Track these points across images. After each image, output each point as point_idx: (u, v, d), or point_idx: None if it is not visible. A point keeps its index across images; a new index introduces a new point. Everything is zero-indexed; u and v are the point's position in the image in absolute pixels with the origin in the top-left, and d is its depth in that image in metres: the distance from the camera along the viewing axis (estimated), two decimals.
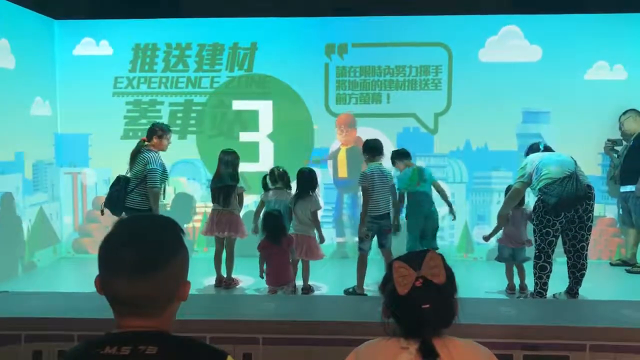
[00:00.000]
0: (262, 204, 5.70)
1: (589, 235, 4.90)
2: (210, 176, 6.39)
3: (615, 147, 6.45)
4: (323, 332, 2.87)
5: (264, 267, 5.12)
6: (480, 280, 5.76)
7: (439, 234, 5.87)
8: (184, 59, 7.09)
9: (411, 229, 5.64)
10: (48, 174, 6.91)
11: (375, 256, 5.43)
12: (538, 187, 4.80)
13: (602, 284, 5.75)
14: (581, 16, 6.68)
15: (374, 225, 5.38)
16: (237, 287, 5.75)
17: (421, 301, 1.50)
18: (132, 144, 5.77)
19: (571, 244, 4.89)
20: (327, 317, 2.97)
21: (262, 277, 5.16)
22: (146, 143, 5.47)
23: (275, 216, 5.18)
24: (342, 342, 2.83)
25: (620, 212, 6.50)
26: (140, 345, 1.26)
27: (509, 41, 6.74)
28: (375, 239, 5.48)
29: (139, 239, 1.32)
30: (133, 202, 5.37)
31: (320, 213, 5.60)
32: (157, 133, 5.49)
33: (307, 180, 5.46)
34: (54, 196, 7.02)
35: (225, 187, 5.61)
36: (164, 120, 7.04)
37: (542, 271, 4.84)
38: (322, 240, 5.48)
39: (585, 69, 6.68)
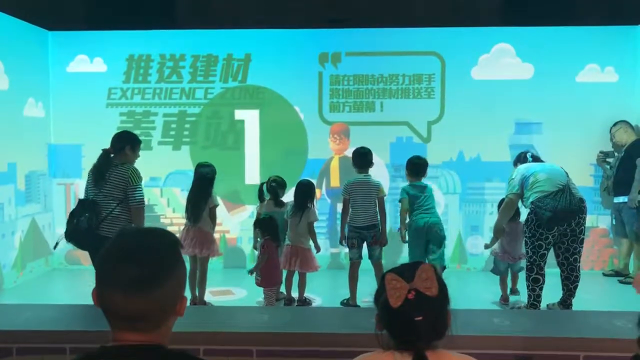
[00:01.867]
0: (259, 217, 5.55)
1: (582, 247, 4.92)
2: None
3: (607, 159, 6.50)
4: (317, 343, 2.86)
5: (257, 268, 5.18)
6: (473, 291, 5.78)
7: None
8: (178, 70, 7.11)
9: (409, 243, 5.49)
10: (41, 184, 6.89)
11: (370, 267, 5.42)
12: (530, 200, 4.81)
13: (595, 294, 5.77)
14: (573, 29, 6.76)
15: (355, 235, 5.37)
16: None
17: (414, 314, 1.50)
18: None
19: (564, 257, 4.91)
20: (320, 329, 2.96)
21: (251, 274, 5.21)
22: (112, 155, 4.55)
23: (275, 219, 5.27)
24: (336, 354, 2.82)
25: (614, 222, 6.54)
26: (136, 359, 1.25)
27: (502, 59, 6.82)
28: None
29: (138, 254, 1.30)
30: (110, 229, 4.33)
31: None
32: (131, 143, 4.63)
33: (306, 192, 5.43)
34: (46, 207, 6.99)
35: (196, 202, 5.30)
36: (158, 131, 7.07)
37: (535, 283, 4.84)
38: (318, 249, 5.45)
39: (577, 71, 6.76)
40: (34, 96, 6.72)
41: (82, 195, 4.73)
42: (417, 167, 5.47)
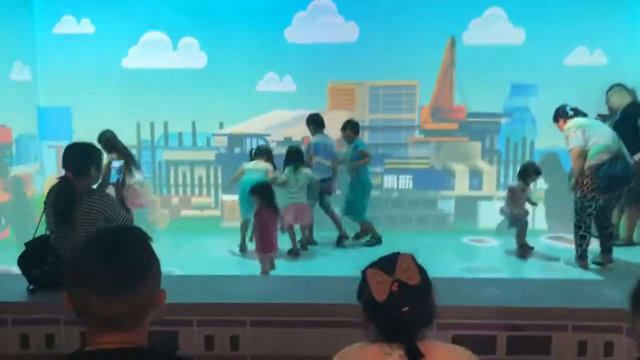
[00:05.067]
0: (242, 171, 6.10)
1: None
2: None
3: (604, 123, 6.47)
4: (310, 314, 2.89)
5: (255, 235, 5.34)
6: None
7: None
8: None
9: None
10: (31, 147, 6.83)
11: None
12: (589, 162, 5.04)
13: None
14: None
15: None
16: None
17: (400, 305, 1.50)
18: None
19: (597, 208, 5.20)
20: (314, 299, 2.99)
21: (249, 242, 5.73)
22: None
23: (270, 186, 5.52)
24: (328, 324, 2.86)
25: None
26: None
27: (494, 24, 6.72)
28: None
29: (112, 255, 1.26)
30: None
31: None
32: (97, 161, 3.37)
33: (301, 155, 6.12)
34: (37, 170, 6.95)
35: None
36: None
37: (582, 240, 5.24)
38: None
39: (567, 52, 6.73)
40: (20, 59, 6.57)
41: None
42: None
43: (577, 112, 5.41)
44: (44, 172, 7.02)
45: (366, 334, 1.58)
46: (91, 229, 3.19)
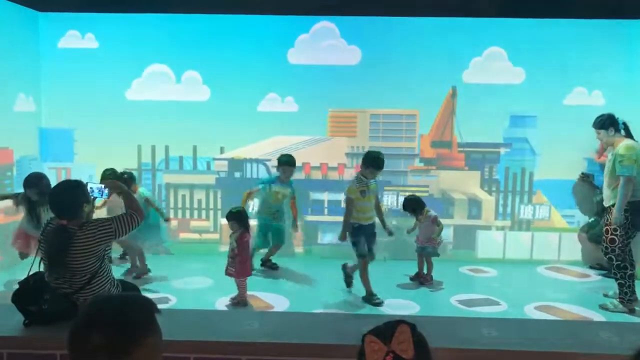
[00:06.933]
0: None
1: None
2: None
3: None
4: (306, 354, 2.89)
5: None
6: None
7: None
8: None
9: None
10: (32, 169, 6.82)
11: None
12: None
13: (581, 288, 5.85)
14: (564, 41, 6.69)
15: None
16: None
17: None
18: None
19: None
20: (310, 338, 2.99)
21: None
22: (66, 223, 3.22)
23: (245, 210, 5.59)
24: None
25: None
26: None
27: (494, 63, 6.75)
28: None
29: (107, 322, 1.30)
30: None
31: None
32: (86, 198, 3.37)
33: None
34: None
35: None
36: None
37: (631, 279, 4.99)
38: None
39: (565, 91, 6.76)
40: (25, 79, 6.61)
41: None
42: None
43: (628, 131, 5.05)
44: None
45: None
46: (92, 259, 3.21)
